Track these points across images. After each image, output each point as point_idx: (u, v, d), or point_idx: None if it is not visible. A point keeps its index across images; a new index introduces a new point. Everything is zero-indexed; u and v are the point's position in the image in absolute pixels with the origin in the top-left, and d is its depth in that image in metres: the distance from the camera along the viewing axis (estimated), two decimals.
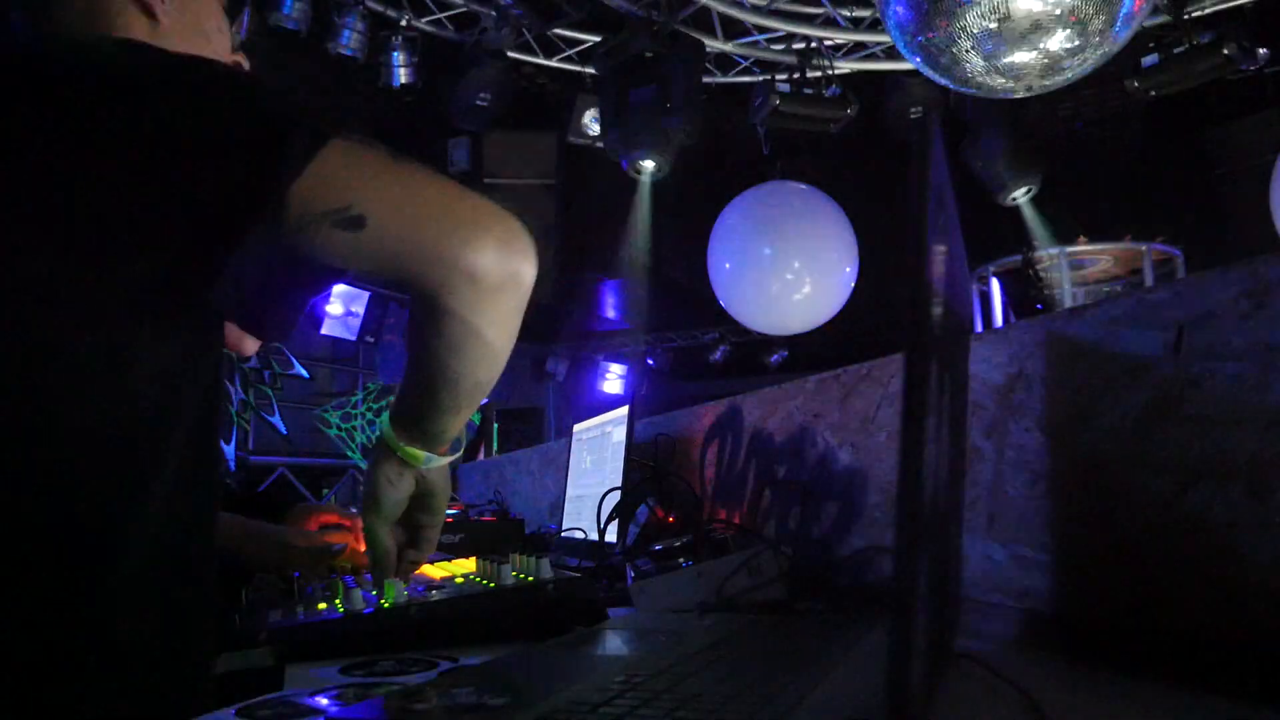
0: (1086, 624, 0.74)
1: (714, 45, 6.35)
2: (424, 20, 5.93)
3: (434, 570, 1.15)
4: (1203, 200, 6.97)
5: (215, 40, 1.02)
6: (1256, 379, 0.62)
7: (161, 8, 0.95)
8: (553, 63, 6.52)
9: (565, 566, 1.31)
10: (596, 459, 1.79)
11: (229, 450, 5.86)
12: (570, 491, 1.95)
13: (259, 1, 5.15)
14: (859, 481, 1.10)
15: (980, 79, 3.74)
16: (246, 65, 1.07)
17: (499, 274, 0.80)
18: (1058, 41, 3.46)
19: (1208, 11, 5.53)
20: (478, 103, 5.83)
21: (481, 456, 5.17)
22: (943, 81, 3.96)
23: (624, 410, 1.66)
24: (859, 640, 0.76)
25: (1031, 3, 3.34)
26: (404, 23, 5.75)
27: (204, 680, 0.83)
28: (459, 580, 1.02)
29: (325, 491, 6.71)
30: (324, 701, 0.64)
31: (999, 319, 6.83)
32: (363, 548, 1.37)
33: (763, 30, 6.32)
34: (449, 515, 1.93)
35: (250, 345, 1.53)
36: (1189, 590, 0.66)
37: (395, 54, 5.68)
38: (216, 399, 0.84)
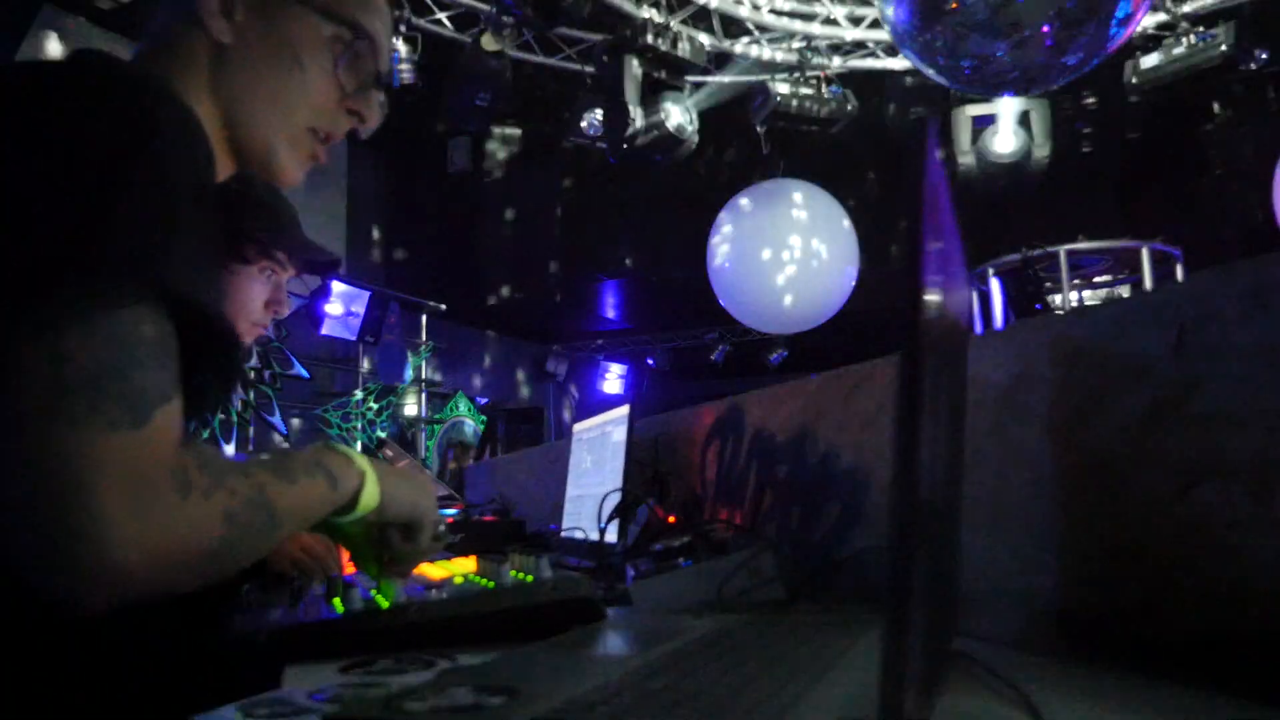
0: (1087, 624, 0.74)
1: (714, 45, 6.35)
2: (424, 20, 5.93)
3: (434, 570, 1.15)
4: (1203, 200, 6.97)
5: (313, 73, 0.89)
6: (1259, 379, 0.62)
7: (222, 27, 0.86)
8: (553, 62, 6.52)
9: (565, 566, 1.31)
10: (596, 459, 1.79)
11: (229, 450, 5.86)
12: (570, 491, 1.95)
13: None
14: (861, 482, 1.10)
15: (978, 79, 3.74)
16: (370, 119, 0.95)
17: None
18: (1056, 41, 3.45)
19: (1207, 12, 5.53)
20: (478, 103, 5.83)
21: (487, 457, 5.18)
22: (942, 81, 3.96)
23: (624, 410, 1.66)
24: (859, 640, 0.76)
25: (1029, 2, 3.34)
26: (404, 23, 5.75)
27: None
28: (459, 580, 1.02)
29: None
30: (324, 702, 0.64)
31: (999, 319, 6.83)
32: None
33: (763, 30, 6.32)
34: (449, 515, 1.93)
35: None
36: (1191, 590, 0.66)
37: (395, 54, 5.69)
38: None
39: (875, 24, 5.91)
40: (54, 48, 5.03)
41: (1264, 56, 5.43)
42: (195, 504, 0.65)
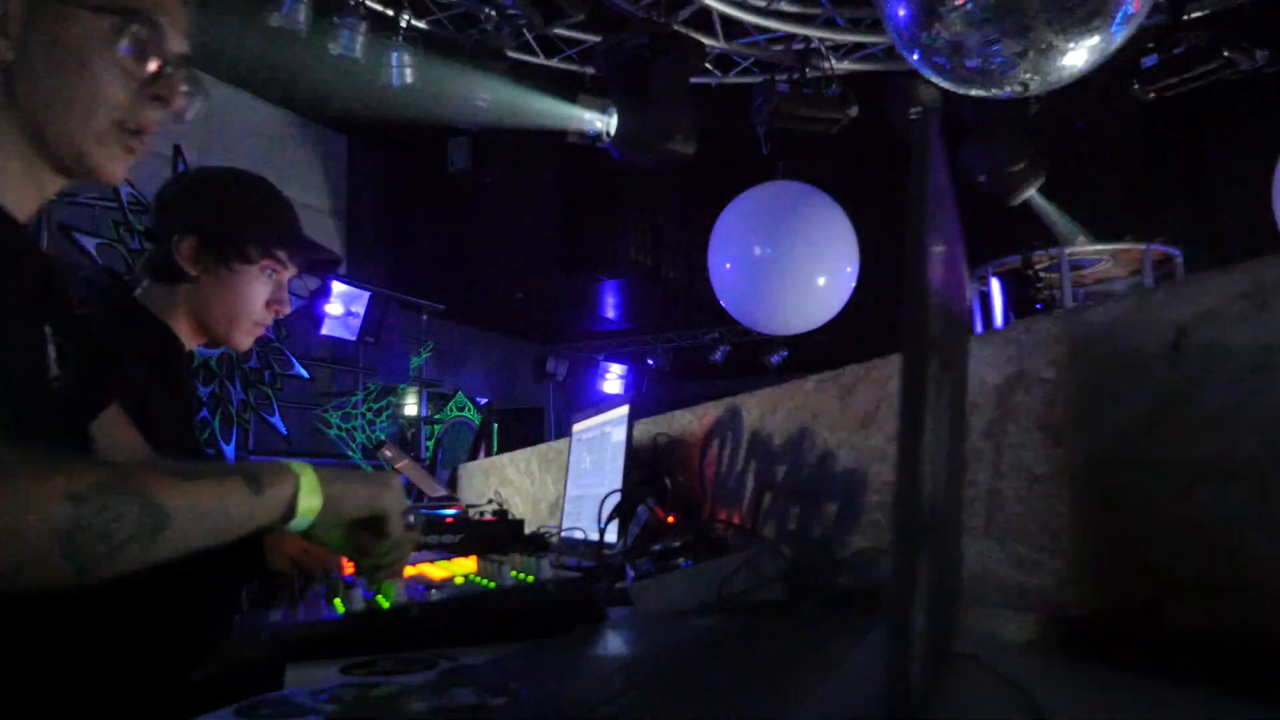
0: (1088, 624, 0.74)
1: (714, 45, 6.34)
2: (424, 20, 5.93)
3: (434, 570, 1.15)
4: (1203, 200, 6.97)
5: (99, 69, 0.89)
6: (1258, 379, 0.62)
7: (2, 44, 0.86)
8: (553, 63, 6.52)
9: (565, 566, 1.31)
10: (596, 459, 1.79)
11: (229, 450, 5.86)
12: (570, 491, 1.95)
13: (260, 0, 5.14)
14: (859, 482, 1.10)
15: (978, 79, 3.74)
16: (176, 101, 0.95)
17: None
18: (1055, 41, 3.45)
19: (1207, 12, 5.53)
20: (478, 103, 5.83)
21: (482, 456, 5.17)
22: (942, 81, 3.96)
23: (624, 410, 1.65)
24: (859, 640, 0.76)
25: (1029, 3, 3.34)
26: (404, 23, 5.75)
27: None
28: (459, 580, 1.02)
29: None
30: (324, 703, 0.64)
31: (999, 319, 6.84)
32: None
33: (763, 30, 6.32)
34: (449, 515, 1.93)
35: (244, 340, 1.52)
36: (1191, 590, 0.66)
37: (395, 54, 5.68)
38: None
39: (875, 25, 5.90)
40: None
41: (1264, 56, 5.43)
42: (22, 486, 0.67)
